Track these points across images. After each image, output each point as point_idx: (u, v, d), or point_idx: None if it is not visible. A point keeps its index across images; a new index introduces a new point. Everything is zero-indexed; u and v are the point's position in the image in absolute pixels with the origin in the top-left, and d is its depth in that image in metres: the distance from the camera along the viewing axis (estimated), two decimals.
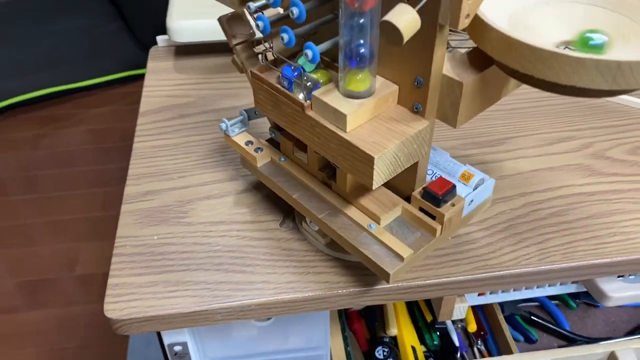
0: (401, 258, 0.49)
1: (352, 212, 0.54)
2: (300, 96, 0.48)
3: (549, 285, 0.74)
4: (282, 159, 0.59)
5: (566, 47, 0.45)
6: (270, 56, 0.53)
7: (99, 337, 1.38)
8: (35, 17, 2.33)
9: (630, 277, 0.72)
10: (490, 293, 0.74)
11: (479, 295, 0.73)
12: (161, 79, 0.87)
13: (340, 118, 0.44)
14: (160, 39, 0.94)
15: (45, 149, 1.92)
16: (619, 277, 0.72)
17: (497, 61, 0.42)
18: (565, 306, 0.94)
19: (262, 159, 0.60)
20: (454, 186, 0.51)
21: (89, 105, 2.06)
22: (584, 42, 0.42)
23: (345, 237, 0.52)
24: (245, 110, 0.62)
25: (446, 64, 0.43)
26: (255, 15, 0.46)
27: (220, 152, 0.73)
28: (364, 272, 0.58)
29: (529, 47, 0.38)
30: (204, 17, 0.86)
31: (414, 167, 0.50)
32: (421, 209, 0.52)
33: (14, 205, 1.73)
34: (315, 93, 0.46)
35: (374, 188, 0.45)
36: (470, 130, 0.77)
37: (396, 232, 0.52)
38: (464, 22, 0.39)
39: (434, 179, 0.54)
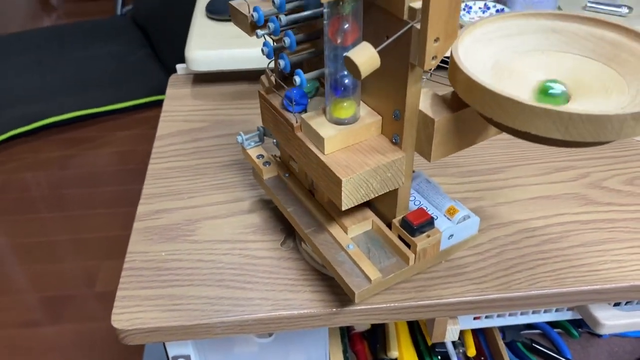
0: (369, 280, 0.52)
1: (335, 230, 0.57)
2: (292, 117, 0.53)
3: (545, 311, 0.76)
4: (286, 175, 0.63)
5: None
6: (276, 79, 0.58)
7: (115, 353, 1.42)
8: (70, 42, 2.44)
9: (626, 305, 0.73)
10: (486, 317, 0.75)
11: (474, 318, 0.75)
12: (179, 105, 0.92)
13: (320, 141, 0.48)
14: (179, 67, 0.99)
15: (72, 169, 1.99)
16: (615, 305, 0.73)
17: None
18: (567, 335, 0.94)
19: (268, 173, 0.65)
20: (431, 218, 0.54)
21: (114, 128, 2.14)
22: (543, 91, 0.45)
23: (323, 253, 0.55)
24: (262, 127, 0.66)
25: (425, 101, 0.47)
26: (263, 42, 0.51)
27: (229, 174, 0.77)
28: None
29: (488, 92, 0.41)
30: (220, 47, 0.91)
31: (394, 195, 0.53)
32: (400, 237, 0.55)
33: (42, 222, 1.80)
34: (304, 116, 0.50)
35: (342, 209, 0.49)
36: (470, 158, 0.79)
37: (373, 255, 0.55)
38: (429, 64, 0.43)
39: (423, 205, 0.57)
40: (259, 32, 0.50)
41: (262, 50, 0.51)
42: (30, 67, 2.26)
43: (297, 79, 0.46)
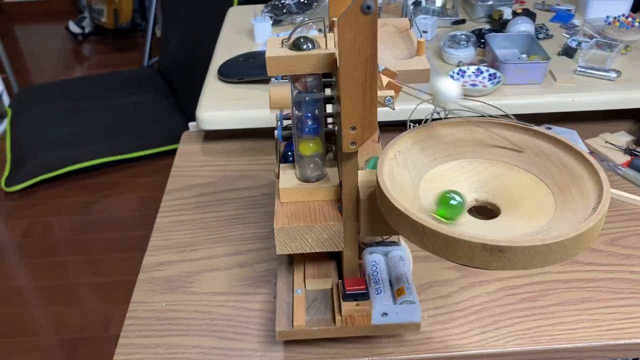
0: (292, 324, 0.58)
1: (298, 274, 0.63)
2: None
3: None
4: None
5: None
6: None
7: None
8: (99, 92, 2.57)
9: None
10: None
11: None
12: (188, 161, 0.98)
13: (279, 190, 0.56)
14: (191, 125, 1.06)
15: (94, 214, 2.07)
16: None
17: None
18: None
19: None
20: (365, 290, 0.58)
21: (136, 174, 2.22)
22: (444, 201, 0.49)
23: (278, 291, 0.62)
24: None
25: (364, 178, 0.52)
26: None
27: (229, 228, 0.82)
28: (344, 345, 0.64)
29: (393, 208, 0.46)
30: (228, 109, 0.98)
31: (341, 257, 0.59)
32: None
33: (64, 265, 1.86)
34: (282, 166, 0.59)
35: (277, 253, 0.56)
36: None
37: (315, 305, 0.60)
38: (348, 147, 0.50)
39: (377, 278, 0.61)
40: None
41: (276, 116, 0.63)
42: (59, 115, 2.38)
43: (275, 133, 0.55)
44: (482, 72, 1.00)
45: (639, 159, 0.89)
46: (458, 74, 1.00)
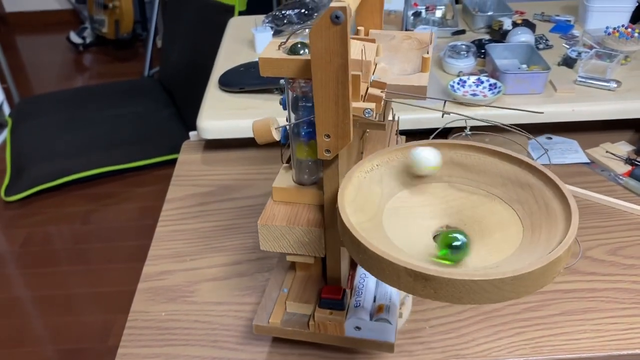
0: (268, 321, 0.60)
1: (290, 273, 0.65)
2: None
3: None
4: None
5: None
6: None
7: None
8: (99, 102, 2.57)
9: None
10: None
11: None
12: (189, 170, 0.98)
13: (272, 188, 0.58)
14: (192, 134, 1.06)
15: (94, 223, 2.06)
16: None
17: None
18: None
19: None
20: (341, 300, 0.58)
21: (136, 184, 2.22)
22: (446, 242, 0.48)
23: (267, 287, 0.64)
24: None
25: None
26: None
27: (229, 237, 0.81)
28: (344, 354, 0.63)
29: (341, 219, 0.46)
30: (229, 118, 0.98)
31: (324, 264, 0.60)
32: None
33: (63, 275, 1.86)
34: (284, 166, 0.60)
35: (261, 248, 0.57)
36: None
37: (300, 305, 0.61)
38: (323, 155, 0.52)
39: (361, 291, 0.62)
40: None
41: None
42: (59, 125, 2.38)
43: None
44: (482, 82, 1.00)
45: None
46: (458, 83, 1.00)
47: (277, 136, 0.56)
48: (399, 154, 0.57)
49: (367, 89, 0.52)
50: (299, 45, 0.52)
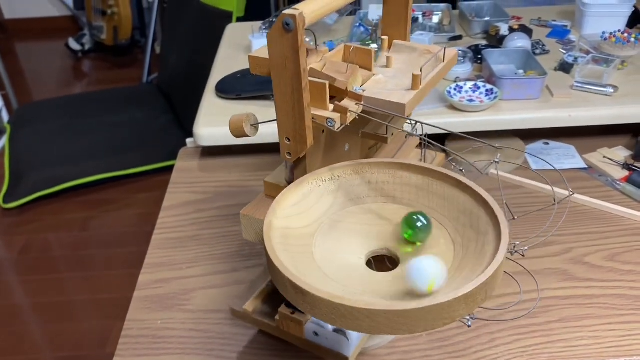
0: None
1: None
2: None
3: None
4: None
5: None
6: None
7: None
8: (98, 109, 2.57)
9: None
10: None
11: None
12: (186, 177, 0.98)
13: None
14: (189, 141, 1.06)
15: (93, 230, 2.06)
16: None
17: None
18: None
19: None
20: None
21: (135, 190, 2.22)
22: (409, 222, 0.50)
23: (258, 275, 0.66)
24: None
25: None
26: None
27: (226, 245, 0.81)
28: None
29: (266, 242, 0.46)
30: (225, 125, 0.97)
31: None
32: None
33: (62, 282, 1.85)
34: (282, 164, 0.61)
35: (243, 237, 0.59)
36: None
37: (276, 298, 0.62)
38: (285, 157, 0.54)
39: None
40: None
41: None
42: (58, 132, 2.38)
43: None
44: (479, 88, 1.00)
45: (637, 174, 0.89)
46: (455, 89, 1.00)
47: (250, 132, 0.56)
48: (360, 169, 0.57)
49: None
50: None
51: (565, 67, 1.09)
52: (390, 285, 0.48)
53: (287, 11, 0.45)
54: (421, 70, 0.53)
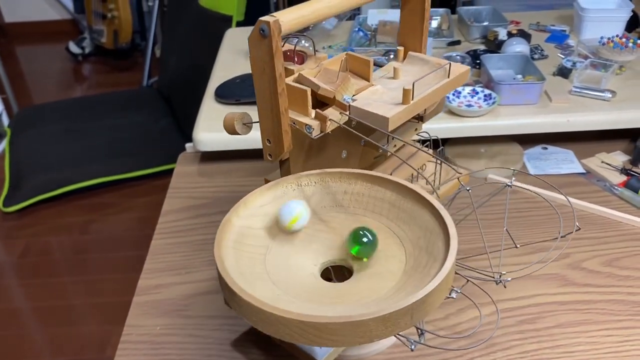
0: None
1: None
2: None
3: None
4: None
5: None
6: None
7: None
8: (98, 112, 2.58)
9: None
10: None
11: None
12: (185, 182, 0.98)
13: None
14: (188, 146, 1.06)
15: (93, 234, 2.06)
16: None
17: None
18: None
19: None
20: None
21: (134, 194, 2.22)
22: (355, 238, 0.50)
23: None
24: None
25: None
26: None
27: None
28: None
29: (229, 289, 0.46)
30: (224, 130, 0.98)
31: None
32: None
33: (62, 286, 1.85)
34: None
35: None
36: None
37: None
38: (267, 158, 0.56)
39: None
40: None
41: None
42: (58, 135, 2.38)
43: None
44: (477, 93, 1.00)
45: (635, 179, 0.89)
46: (453, 94, 1.01)
47: (241, 131, 0.57)
48: (327, 178, 0.57)
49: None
50: (287, 54, 0.55)
51: (563, 72, 1.09)
52: (336, 296, 0.48)
53: (264, 17, 0.46)
54: (413, 86, 0.53)
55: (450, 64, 0.60)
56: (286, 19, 0.48)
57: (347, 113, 0.54)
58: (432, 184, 0.64)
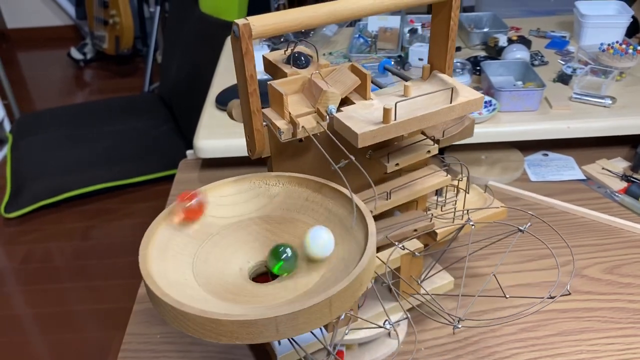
0: None
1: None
2: None
3: None
4: None
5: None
6: None
7: None
8: (99, 118, 2.58)
9: None
10: None
11: None
12: (185, 189, 0.98)
13: None
14: (189, 153, 1.06)
15: (94, 239, 2.06)
16: None
17: None
18: None
19: None
20: None
21: (135, 200, 2.23)
22: (275, 254, 0.49)
23: None
24: None
25: None
26: None
27: None
28: None
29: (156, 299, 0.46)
30: (225, 137, 0.98)
31: None
32: None
33: (63, 292, 1.86)
34: None
35: None
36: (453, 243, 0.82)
37: None
38: (249, 153, 0.57)
39: None
40: None
41: None
42: (60, 141, 2.39)
43: None
44: None
45: (636, 185, 0.89)
46: None
47: (237, 118, 0.58)
48: (267, 179, 0.58)
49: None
50: (297, 55, 0.60)
51: (563, 79, 1.09)
52: (255, 295, 0.48)
53: (237, 20, 0.48)
54: (396, 106, 0.52)
55: (453, 88, 0.57)
56: (259, 23, 0.49)
57: (323, 122, 0.54)
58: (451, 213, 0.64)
